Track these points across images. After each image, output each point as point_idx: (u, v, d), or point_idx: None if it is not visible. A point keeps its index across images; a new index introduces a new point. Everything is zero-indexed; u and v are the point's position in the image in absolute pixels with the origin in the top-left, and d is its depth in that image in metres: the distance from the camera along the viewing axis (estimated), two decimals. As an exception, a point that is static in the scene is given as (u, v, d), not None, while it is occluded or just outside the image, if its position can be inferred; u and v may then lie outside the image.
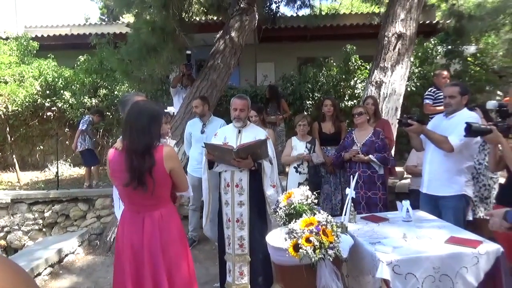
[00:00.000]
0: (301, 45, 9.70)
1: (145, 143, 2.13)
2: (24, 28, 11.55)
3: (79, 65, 8.18)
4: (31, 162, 8.66)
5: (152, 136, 2.17)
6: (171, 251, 2.25)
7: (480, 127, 2.71)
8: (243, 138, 3.35)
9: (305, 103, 7.60)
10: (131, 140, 2.14)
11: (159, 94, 7.90)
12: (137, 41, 5.43)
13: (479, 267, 2.24)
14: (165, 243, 2.23)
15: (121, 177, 2.16)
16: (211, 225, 3.54)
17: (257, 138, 3.27)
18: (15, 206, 5.79)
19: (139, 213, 2.25)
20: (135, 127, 2.15)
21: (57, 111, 8.07)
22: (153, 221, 2.23)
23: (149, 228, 2.22)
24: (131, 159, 2.11)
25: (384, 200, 4.01)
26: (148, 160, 2.11)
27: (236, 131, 3.42)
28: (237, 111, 3.37)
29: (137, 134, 2.14)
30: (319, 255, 2.09)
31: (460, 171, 3.12)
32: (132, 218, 2.27)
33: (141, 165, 2.10)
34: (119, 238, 2.35)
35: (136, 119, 2.17)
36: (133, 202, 2.27)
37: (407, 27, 5.54)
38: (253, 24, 6.31)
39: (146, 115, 2.18)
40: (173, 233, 2.29)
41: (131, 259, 2.21)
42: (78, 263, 4.63)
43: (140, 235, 2.22)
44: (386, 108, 5.43)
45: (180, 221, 2.43)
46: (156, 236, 2.21)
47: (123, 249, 2.26)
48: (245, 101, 3.41)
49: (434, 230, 2.63)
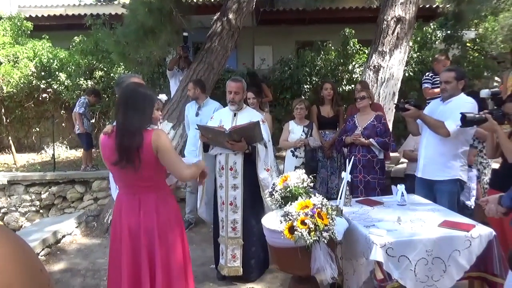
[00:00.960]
0: (300, 29, 9.59)
1: (138, 122, 2.12)
2: (18, 8, 11.34)
3: (74, 46, 8.07)
4: (27, 144, 8.64)
5: (146, 116, 2.16)
6: (167, 233, 2.26)
7: (474, 117, 2.71)
8: (239, 121, 3.34)
9: (303, 87, 7.56)
10: (123, 118, 2.13)
11: (156, 77, 7.83)
12: (134, 22, 5.34)
13: (471, 250, 2.27)
14: (161, 225, 2.24)
15: (110, 158, 2.16)
16: (206, 208, 3.56)
17: (252, 121, 3.26)
18: (12, 187, 5.79)
19: (135, 195, 2.25)
20: (129, 106, 2.14)
21: (52, 93, 7.99)
22: (149, 203, 2.24)
23: (146, 210, 2.23)
24: (121, 137, 2.10)
25: (381, 184, 4.04)
26: (138, 139, 2.09)
27: (232, 114, 3.42)
28: (231, 94, 3.35)
29: (130, 113, 2.12)
30: (314, 238, 2.12)
31: (455, 155, 3.14)
32: (129, 200, 2.28)
33: (130, 143, 2.08)
34: (115, 220, 2.35)
35: (130, 98, 2.16)
36: (127, 184, 2.26)
37: (407, 11, 5.48)
38: (251, 6, 6.22)
39: (141, 95, 2.18)
40: (169, 215, 2.30)
41: (128, 241, 2.22)
42: (75, 244, 4.67)
43: (137, 217, 2.23)
44: (383, 92, 5.42)
45: (176, 204, 2.43)
46: (152, 218, 2.22)
47: (120, 231, 2.27)
48: (240, 83, 3.39)
49: (428, 214, 2.67)
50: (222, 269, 3.40)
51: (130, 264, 2.21)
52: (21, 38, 8.41)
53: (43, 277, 0.53)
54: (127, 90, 2.23)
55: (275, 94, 7.55)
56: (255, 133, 3.20)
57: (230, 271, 3.36)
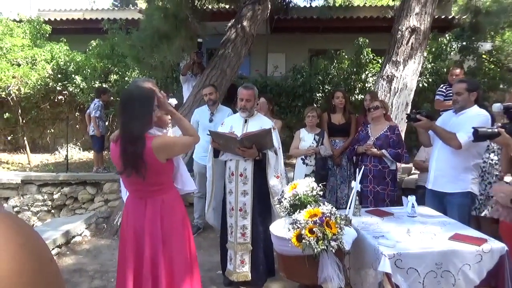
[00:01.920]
0: (313, 37, 9.61)
1: (137, 128, 2.12)
2: (37, 11, 11.62)
3: (90, 49, 8.22)
4: (41, 145, 8.79)
5: (144, 121, 2.16)
6: (173, 237, 2.26)
7: (487, 131, 2.67)
8: (249, 127, 3.35)
9: (315, 95, 7.56)
10: (123, 126, 2.15)
11: (169, 82, 7.91)
12: (149, 27, 5.43)
13: (482, 265, 2.23)
14: (167, 229, 2.25)
15: (117, 166, 2.19)
16: (214, 214, 3.56)
17: (262, 128, 3.27)
18: (25, 187, 5.89)
19: (142, 199, 2.28)
20: (127, 113, 2.16)
21: (68, 95, 8.14)
22: (155, 206, 2.25)
23: (151, 213, 2.24)
24: (124, 145, 2.12)
25: (391, 196, 3.99)
26: (140, 145, 2.10)
27: (243, 121, 3.43)
28: (243, 101, 3.36)
29: (129, 120, 2.14)
30: (321, 246, 2.11)
31: (467, 168, 3.10)
32: (135, 203, 2.30)
33: (133, 150, 2.09)
34: (123, 223, 2.39)
35: (126, 104, 2.17)
36: (135, 189, 2.29)
37: (422, 21, 5.46)
38: (266, 14, 6.27)
39: (137, 100, 2.17)
40: (175, 219, 2.31)
41: (133, 244, 2.25)
42: (85, 245, 4.71)
43: (142, 220, 2.24)
44: (396, 102, 5.39)
45: (183, 208, 2.44)
46: (157, 221, 2.23)
47: (127, 234, 2.30)
48: (252, 91, 3.39)
49: (439, 226, 2.63)
50: (231, 274, 3.39)
51: (134, 267, 2.22)
52: (39, 41, 8.59)
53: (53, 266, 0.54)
54: (123, 97, 2.24)
55: (287, 101, 7.56)
56: (267, 140, 3.21)
57: (239, 276, 3.35)
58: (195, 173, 4.76)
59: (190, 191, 2.67)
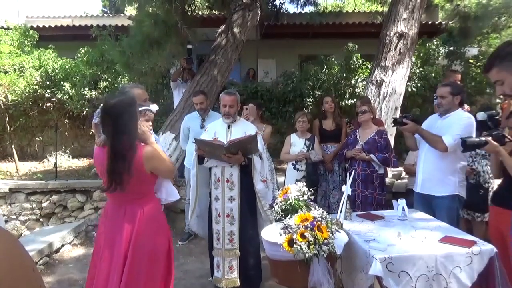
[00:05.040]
0: (303, 43, 9.68)
1: (127, 142, 2.08)
2: (26, 18, 11.51)
3: (79, 56, 8.16)
4: (30, 153, 8.66)
5: (132, 133, 2.11)
6: (144, 247, 2.21)
7: (474, 141, 2.70)
8: (233, 133, 3.35)
9: (306, 100, 7.58)
10: (112, 141, 2.09)
11: (160, 88, 7.88)
12: (139, 33, 5.42)
13: (473, 267, 2.24)
14: (140, 237, 2.20)
15: (104, 177, 2.17)
16: (198, 221, 3.54)
17: (247, 133, 3.28)
18: (13, 195, 5.79)
19: (121, 207, 2.26)
20: (114, 127, 2.08)
21: (57, 102, 8.05)
22: (133, 217, 2.21)
23: (127, 225, 2.21)
24: (114, 162, 2.07)
25: (379, 200, 4.01)
26: (130, 159, 2.06)
27: (226, 126, 3.42)
28: (226, 107, 3.36)
29: (118, 135, 2.07)
30: (313, 251, 2.10)
31: (454, 171, 3.14)
32: (114, 210, 2.28)
33: (123, 167, 2.06)
34: (100, 228, 2.36)
35: (113, 118, 2.08)
36: (115, 196, 2.26)
37: (409, 27, 5.54)
38: (256, 20, 6.30)
39: (123, 113, 2.09)
40: (153, 229, 2.27)
41: (107, 249, 2.22)
42: (74, 254, 4.64)
43: (120, 226, 2.21)
44: (386, 107, 5.44)
45: (164, 218, 2.40)
46: (133, 229, 2.20)
47: (102, 240, 2.27)
48: (234, 96, 3.40)
49: (429, 230, 2.64)
50: (219, 281, 3.36)
51: (105, 272, 2.19)
52: (27, 48, 8.50)
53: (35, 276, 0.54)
54: (109, 109, 2.11)
55: (277, 107, 7.58)
56: (252, 145, 3.22)
57: (228, 282, 3.33)
58: (187, 180, 4.74)
59: (173, 200, 2.65)
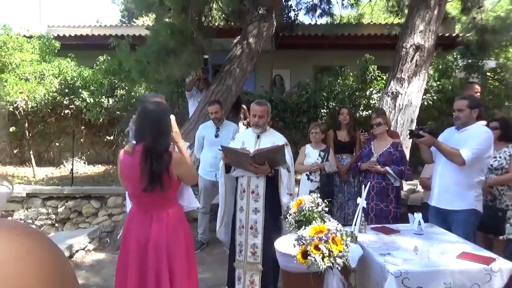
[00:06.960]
0: (318, 53, 9.69)
1: (165, 143, 2.21)
2: (47, 28, 11.82)
3: (98, 65, 8.32)
4: (47, 158, 8.81)
5: (169, 136, 2.26)
6: (177, 251, 2.27)
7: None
8: (262, 143, 3.29)
9: (320, 111, 7.57)
10: (152, 142, 2.18)
11: (175, 97, 7.97)
12: (156, 43, 5.51)
13: (492, 285, 2.18)
14: (171, 243, 2.26)
15: (135, 181, 2.20)
16: (225, 229, 3.49)
17: (275, 144, 3.20)
18: (30, 200, 5.90)
19: (147, 212, 2.28)
20: (155, 128, 2.20)
21: (74, 110, 8.21)
22: (161, 220, 2.27)
23: (156, 226, 2.25)
24: (151, 161, 2.15)
25: (395, 213, 3.95)
26: (167, 160, 2.17)
27: (255, 136, 3.38)
28: (256, 117, 3.31)
29: (158, 136, 2.19)
30: (327, 263, 2.08)
31: (470, 185, 3.08)
32: (140, 216, 2.31)
33: (161, 166, 2.15)
34: (125, 235, 2.38)
35: (156, 120, 2.22)
36: (142, 202, 2.30)
37: (426, 39, 5.50)
38: (271, 31, 6.34)
39: (164, 116, 2.25)
40: (179, 233, 2.32)
41: (136, 255, 2.24)
42: (88, 259, 4.68)
43: (147, 232, 2.25)
44: (401, 119, 5.39)
45: (187, 223, 2.47)
46: (162, 234, 2.25)
47: (129, 246, 2.29)
48: (265, 107, 3.35)
49: (446, 244, 2.59)
50: None
51: (137, 278, 2.21)
52: (48, 56, 8.72)
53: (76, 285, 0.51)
54: (148, 114, 2.26)
55: (291, 117, 7.58)
56: (279, 156, 3.15)
57: None
58: (200, 189, 4.75)
59: (194, 208, 2.69)
